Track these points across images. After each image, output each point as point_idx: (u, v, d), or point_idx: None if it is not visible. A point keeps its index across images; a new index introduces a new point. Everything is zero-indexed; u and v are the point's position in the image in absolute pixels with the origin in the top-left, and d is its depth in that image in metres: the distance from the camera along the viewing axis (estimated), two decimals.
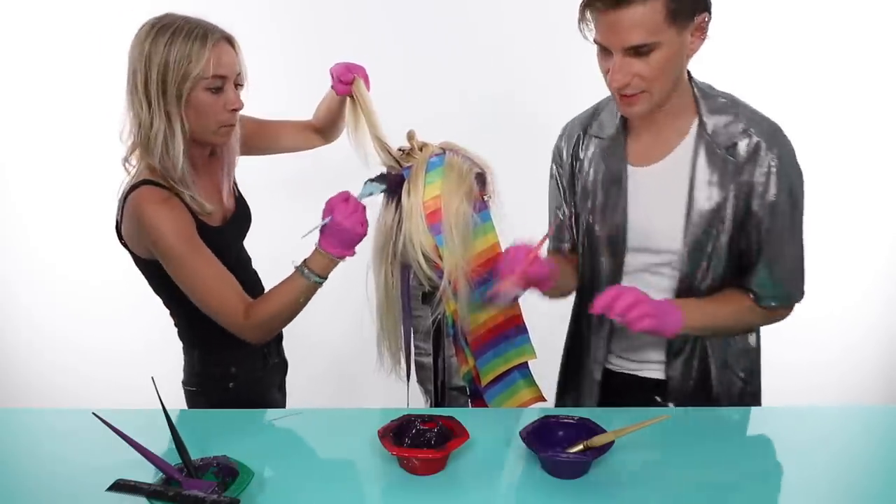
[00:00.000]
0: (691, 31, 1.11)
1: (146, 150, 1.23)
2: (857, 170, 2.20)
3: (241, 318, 1.25)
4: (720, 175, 1.18)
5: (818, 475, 1.05)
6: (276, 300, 1.26)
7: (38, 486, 1.02)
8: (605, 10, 1.06)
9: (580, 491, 0.97)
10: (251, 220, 1.48)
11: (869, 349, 2.35)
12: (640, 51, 1.08)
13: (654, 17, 1.05)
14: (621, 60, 1.09)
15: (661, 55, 1.08)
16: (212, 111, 1.24)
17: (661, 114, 1.20)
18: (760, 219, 1.18)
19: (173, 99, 1.20)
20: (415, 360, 1.41)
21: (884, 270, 2.29)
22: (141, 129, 1.22)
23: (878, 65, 2.13)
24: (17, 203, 2.33)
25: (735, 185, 1.18)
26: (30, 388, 2.47)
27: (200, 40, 1.20)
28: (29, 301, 2.41)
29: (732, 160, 1.17)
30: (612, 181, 1.26)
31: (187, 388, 1.43)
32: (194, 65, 1.19)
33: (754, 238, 1.20)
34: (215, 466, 0.96)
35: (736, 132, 1.18)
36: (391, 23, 2.16)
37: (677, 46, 1.10)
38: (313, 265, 1.24)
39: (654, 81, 1.11)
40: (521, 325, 1.39)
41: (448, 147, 1.32)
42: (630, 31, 1.06)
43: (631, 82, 1.11)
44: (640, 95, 1.13)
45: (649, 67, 1.09)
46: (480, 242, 1.32)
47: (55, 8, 2.13)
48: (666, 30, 1.07)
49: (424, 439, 1.04)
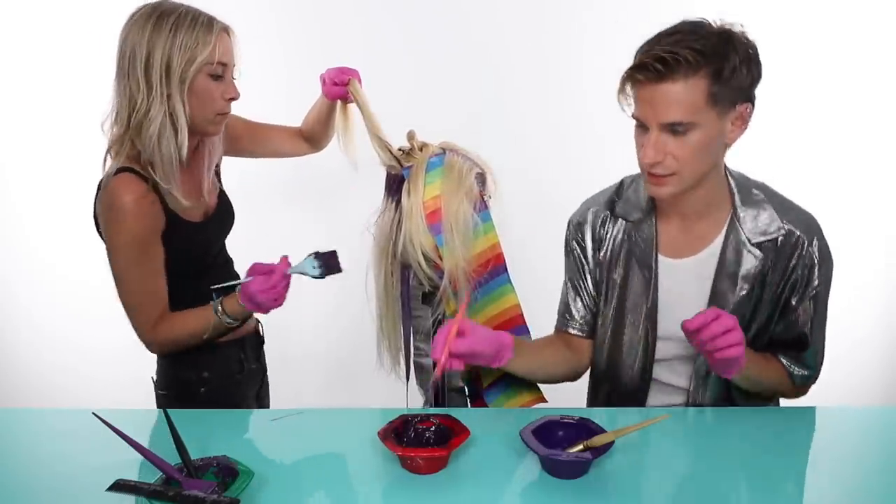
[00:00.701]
0: (732, 120, 1.09)
1: (137, 136, 1.22)
2: (856, 170, 2.20)
3: (149, 328, 1.29)
4: (749, 267, 1.19)
5: (818, 475, 1.05)
6: (185, 327, 1.31)
7: (38, 486, 1.01)
8: (647, 83, 1.05)
9: (580, 491, 0.97)
10: (234, 218, 1.48)
11: (869, 349, 2.35)
12: (677, 129, 1.06)
13: (694, 95, 1.04)
14: (657, 136, 1.07)
15: (697, 137, 1.06)
16: (211, 98, 1.25)
17: (696, 202, 1.18)
18: (805, 309, 1.21)
19: (177, 83, 1.20)
20: (414, 360, 1.41)
21: (884, 271, 2.29)
22: (135, 113, 1.21)
23: (877, 64, 2.13)
24: (17, 203, 2.33)
25: (771, 278, 1.19)
26: (30, 388, 2.47)
27: (206, 26, 1.22)
28: (29, 301, 2.41)
29: (765, 254, 1.18)
30: (642, 269, 1.25)
31: (158, 391, 1.43)
32: (201, 48, 1.20)
33: (798, 328, 1.22)
34: (215, 466, 0.96)
35: (771, 226, 1.19)
36: (391, 23, 2.16)
37: (715, 131, 1.08)
38: (227, 307, 1.28)
39: (686, 163, 1.08)
40: (522, 325, 1.39)
41: (448, 147, 1.32)
42: (668, 107, 1.04)
43: (664, 161, 1.08)
44: (670, 178, 1.10)
45: (683, 148, 1.07)
46: (480, 242, 1.32)
47: (55, 8, 2.13)
48: (705, 111, 1.05)
49: (424, 439, 1.04)
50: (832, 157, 2.18)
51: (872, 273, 2.27)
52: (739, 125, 1.11)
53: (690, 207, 1.20)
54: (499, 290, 1.36)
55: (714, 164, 1.15)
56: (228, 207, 1.46)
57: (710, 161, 1.13)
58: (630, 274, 1.26)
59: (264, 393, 1.62)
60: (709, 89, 1.04)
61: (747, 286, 1.19)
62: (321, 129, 1.57)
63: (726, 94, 1.06)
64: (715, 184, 1.19)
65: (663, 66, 1.03)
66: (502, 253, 1.34)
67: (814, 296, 1.21)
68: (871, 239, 2.23)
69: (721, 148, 1.14)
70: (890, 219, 2.26)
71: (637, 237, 1.26)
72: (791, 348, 1.24)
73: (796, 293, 1.20)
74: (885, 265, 2.29)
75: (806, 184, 2.15)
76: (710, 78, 1.04)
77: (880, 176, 2.22)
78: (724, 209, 1.21)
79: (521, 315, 1.39)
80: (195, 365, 1.39)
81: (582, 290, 1.33)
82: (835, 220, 1.28)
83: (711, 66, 1.03)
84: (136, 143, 1.23)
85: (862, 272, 2.28)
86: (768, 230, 1.19)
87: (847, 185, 2.19)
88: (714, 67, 1.03)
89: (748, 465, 1.05)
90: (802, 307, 1.21)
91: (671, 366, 1.28)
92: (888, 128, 2.18)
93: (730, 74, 1.04)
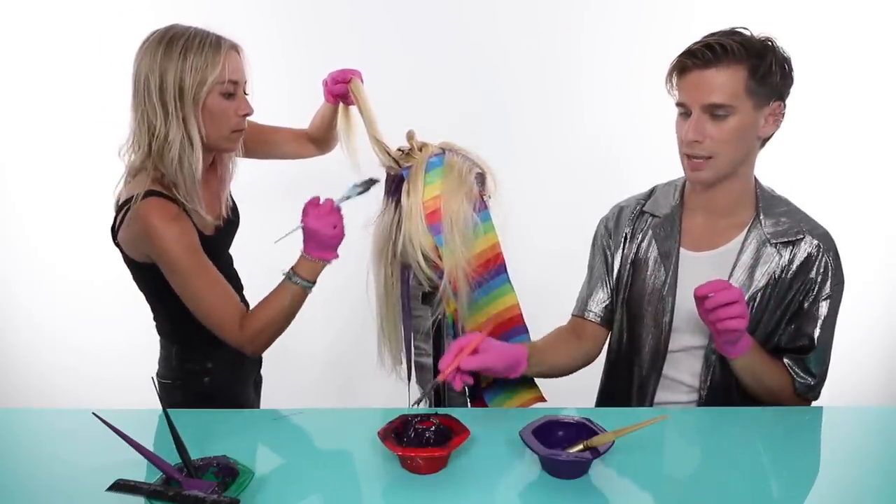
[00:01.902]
0: (765, 115, 1.20)
1: (160, 161, 1.24)
2: (856, 170, 2.20)
3: (237, 331, 1.28)
4: (766, 265, 1.25)
5: (819, 475, 1.05)
6: (268, 309, 1.29)
7: (38, 486, 1.02)
8: (694, 69, 1.18)
9: (580, 491, 0.97)
10: (239, 226, 1.51)
11: (869, 349, 2.35)
12: (717, 113, 1.17)
13: (735, 82, 1.16)
14: (698, 117, 1.18)
15: (734, 122, 1.17)
16: (225, 116, 1.27)
17: (725, 198, 1.28)
18: (814, 314, 1.24)
19: (190, 104, 1.22)
20: (415, 360, 1.41)
21: (883, 270, 2.29)
22: (156, 139, 1.23)
23: (877, 64, 2.13)
24: (17, 203, 2.33)
25: (786, 278, 1.24)
26: (30, 388, 2.47)
27: (214, 47, 1.24)
28: (29, 301, 2.41)
29: (783, 255, 1.25)
30: (664, 260, 1.32)
31: (163, 381, 1.45)
32: (211, 69, 1.22)
33: (805, 331, 1.25)
34: (215, 466, 0.96)
35: (791, 232, 1.26)
36: (391, 24, 2.16)
37: (750, 121, 1.19)
38: (300, 270, 1.28)
39: (722, 147, 1.19)
40: (521, 325, 1.39)
41: (448, 147, 1.31)
42: (712, 90, 1.16)
43: (703, 143, 1.19)
44: (707, 161, 1.21)
45: (721, 132, 1.18)
46: (480, 242, 1.31)
47: (56, 10, 2.13)
48: (744, 99, 1.17)
49: (424, 438, 1.04)
50: (832, 158, 2.18)
51: (872, 273, 2.27)
52: (772, 122, 1.22)
53: (718, 203, 1.29)
54: (498, 290, 1.36)
55: (747, 155, 1.24)
56: (237, 217, 1.50)
57: (744, 150, 1.22)
58: (653, 265, 1.34)
59: (259, 380, 1.65)
60: (747, 80, 1.16)
61: (763, 283, 1.25)
62: (326, 132, 1.61)
63: (762, 89, 1.17)
64: (745, 182, 1.28)
65: (711, 53, 1.16)
66: (502, 253, 1.34)
67: (826, 299, 1.25)
68: (871, 239, 2.23)
69: (755, 141, 1.23)
70: (890, 219, 2.26)
71: (661, 231, 1.34)
72: (797, 352, 1.27)
73: (809, 297, 1.25)
74: (885, 265, 2.29)
75: (806, 184, 2.16)
76: (750, 71, 1.16)
77: (880, 176, 2.22)
78: (749, 211, 1.29)
79: (520, 315, 1.39)
80: (200, 356, 1.42)
81: (605, 283, 1.40)
82: (835, 221, 1.29)
83: (751, 61, 1.16)
84: (160, 166, 1.25)
85: (862, 272, 2.27)
86: (788, 233, 1.26)
87: (847, 186, 2.20)
88: (753, 62, 1.16)
89: (749, 464, 1.05)
90: (813, 310, 1.25)
91: (681, 360, 1.32)
92: (888, 128, 2.18)
93: (766, 71, 1.16)
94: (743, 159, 1.23)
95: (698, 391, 1.31)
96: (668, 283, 1.30)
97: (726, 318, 1.09)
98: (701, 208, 1.32)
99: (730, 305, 1.09)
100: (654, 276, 1.33)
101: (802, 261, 1.25)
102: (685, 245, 1.32)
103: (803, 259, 1.25)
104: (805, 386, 1.26)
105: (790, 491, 1.00)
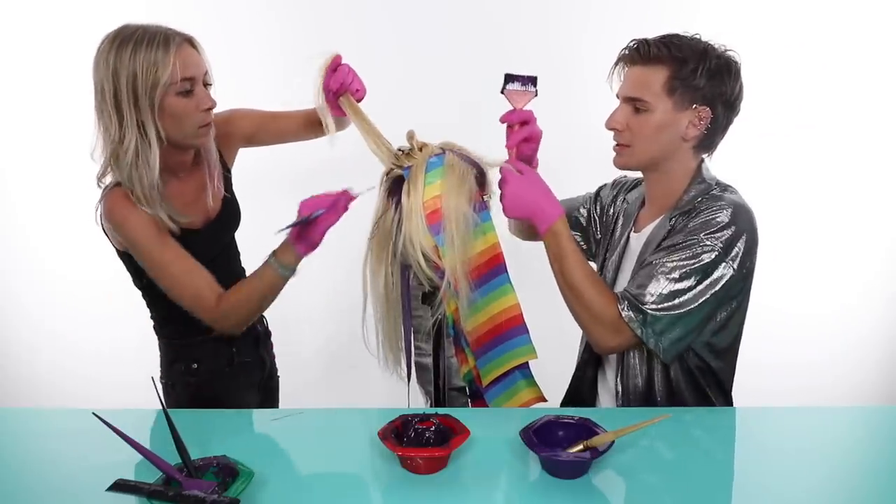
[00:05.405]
0: (689, 118, 1.23)
1: (115, 165, 1.24)
2: (856, 171, 2.20)
3: (213, 307, 1.28)
4: (663, 234, 1.27)
5: (818, 475, 1.05)
6: (243, 287, 1.31)
7: (38, 486, 1.02)
8: (625, 66, 1.28)
9: (580, 491, 0.97)
10: (240, 219, 1.49)
11: (869, 349, 2.35)
12: (637, 107, 1.24)
13: (654, 80, 1.22)
14: (621, 108, 1.27)
15: (651, 119, 1.23)
16: (186, 114, 1.25)
17: (655, 186, 1.34)
18: (662, 257, 1.21)
19: (146, 109, 1.20)
20: (415, 360, 1.41)
21: (883, 270, 2.29)
22: (111, 143, 1.22)
23: (877, 64, 2.13)
24: (16, 203, 2.33)
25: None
26: (30, 388, 2.47)
27: (163, 46, 1.20)
28: (29, 301, 2.41)
29: (681, 218, 1.25)
30: (619, 240, 1.42)
31: (162, 382, 1.45)
32: (161, 71, 1.19)
33: (661, 254, 1.23)
34: (215, 466, 0.96)
35: (699, 203, 1.25)
36: (390, 22, 2.15)
37: (669, 121, 1.23)
38: (279, 255, 1.28)
39: (638, 139, 1.25)
40: (521, 324, 1.39)
41: (448, 147, 1.31)
42: (633, 85, 1.25)
43: (623, 132, 1.27)
44: (625, 149, 1.28)
45: (639, 125, 1.25)
46: (480, 242, 1.31)
47: (56, 10, 2.13)
48: (662, 98, 1.22)
49: (423, 439, 1.05)
50: (832, 158, 2.18)
51: (872, 273, 2.27)
52: (695, 125, 1.24)
53: (650, 193, 1.36)
54: (499, 289, 1.35)
55: (670, 152, 1.27)
56: (232, 210, 1.47)
57: (662, 146, 1.26)
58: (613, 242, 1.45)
59: (275, 385, 1.63)
60: (667, 80, 1.21)
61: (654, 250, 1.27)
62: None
63: (683, 91, 1.21)
64: (673, 179, 1.31)
65: (637, 53, 1.24)
66: (502, 252, 1.34)
67: (678, 245, 1.20)
68: (871, 240, 2.23)
69: (678, 142, 1.26)
70: (890, 219, 2.26)
71: (626, 217, 1.44)
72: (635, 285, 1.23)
73: (679, 225, 1.25)
74: (885, 265, 2.29)
75: (806, 184, 2.17)
76: (670, 71, 1.21)
77: (880, 177, 2.22)
78: (677, 198, 1.31)
79: (520, 315, 1.39)
80: (187, 356, 1.42)
81: (580, 219, 1.55)
82: (835, 221, 1.29)
83: (672, 62, 1.21)
84: (115, 172, 1.25)
85: (862, 272, 2.28)
86: (688, 205, 1.27)
87: (847, 187, 2.19)
88: (675, 64, 1.21)
89: (748, 464, 1.05)
90: (663, 253, 1.22)
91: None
92: (888, 129, 2.18)
93: (688, 74, 1.20)
94: (665, 156, 1.27)
95: (617, 376, 1.34)
96: (612, 263, 1.41)
97: (517, 133, 1.27)
98: (649, 201, 1.38)
99: (524, 125, 1.27)
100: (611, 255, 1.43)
101: (691, 213, 1.24)
102: (636, 228, 1.39)
103: (693, 211, 1.24)
104: (629, 317, 1.18)
105: (790, 490, 1.00)
